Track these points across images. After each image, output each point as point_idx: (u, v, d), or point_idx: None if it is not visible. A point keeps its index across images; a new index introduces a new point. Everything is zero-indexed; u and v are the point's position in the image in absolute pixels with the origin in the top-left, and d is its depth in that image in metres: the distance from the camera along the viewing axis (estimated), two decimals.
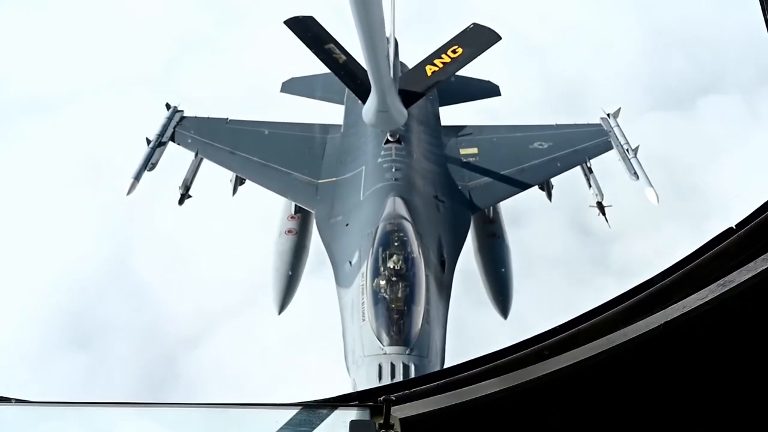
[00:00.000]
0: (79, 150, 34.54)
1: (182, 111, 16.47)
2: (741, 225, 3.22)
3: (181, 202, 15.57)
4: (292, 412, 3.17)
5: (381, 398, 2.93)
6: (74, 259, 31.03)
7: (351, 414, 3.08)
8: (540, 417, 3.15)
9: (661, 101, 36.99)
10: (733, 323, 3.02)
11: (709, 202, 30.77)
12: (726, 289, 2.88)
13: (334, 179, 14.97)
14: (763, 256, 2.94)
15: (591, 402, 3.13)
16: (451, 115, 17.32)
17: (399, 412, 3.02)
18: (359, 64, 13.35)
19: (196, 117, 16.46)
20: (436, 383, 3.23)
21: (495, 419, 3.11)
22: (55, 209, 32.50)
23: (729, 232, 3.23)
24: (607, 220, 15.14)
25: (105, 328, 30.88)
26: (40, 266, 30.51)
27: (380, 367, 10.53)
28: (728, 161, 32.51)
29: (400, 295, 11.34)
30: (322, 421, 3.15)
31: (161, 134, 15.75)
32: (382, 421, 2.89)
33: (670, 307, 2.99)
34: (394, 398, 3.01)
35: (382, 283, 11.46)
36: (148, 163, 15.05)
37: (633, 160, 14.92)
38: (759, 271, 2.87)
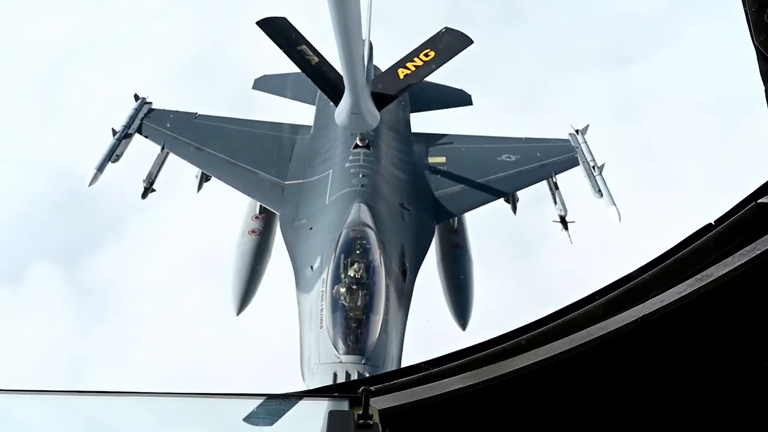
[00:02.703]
0: None
1: (151, 103, 16.28)
2: (720, 221, 3.31)
3: (144, 195, 15.28)
4: (271, 403, 3.12)
5: (360, 389, 2.90)
6: None
7: (330, 405, 3.04)
8: (519, 409, 3.15)
9: None
10: (710, 317, 3.08)
11: None
12: (704, 283, 2.94)
13: (300, 181, 14.85)
14: (740, 252, 3.01)
15: (569, 394, 3.15)
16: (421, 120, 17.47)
17: (378, 403, 2.99)
18: (332, 66, 13.35)
19: (164, 110, 16.26)
20: (415, 375, 3.21)
21: (473, 411, 3.11)
22: None
23: (708, 228, 3.32)
24: (569, 236, 15.34)
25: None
26: None
27: (335, 375, 10.39)
28: None
29: (359, 303, 11.26)
30: (301, 411, 3.10)
31: (128, 125, 15.52)
32: (360, 412, 2.85)
33: (648, 301, 3.04)
34: (373, 389, 2.98)
35: (342, 290, 11.37)
36: (113, 154, 14.77)
37: (598, 178, 15.15)
38: (736, 265, 2.94)
